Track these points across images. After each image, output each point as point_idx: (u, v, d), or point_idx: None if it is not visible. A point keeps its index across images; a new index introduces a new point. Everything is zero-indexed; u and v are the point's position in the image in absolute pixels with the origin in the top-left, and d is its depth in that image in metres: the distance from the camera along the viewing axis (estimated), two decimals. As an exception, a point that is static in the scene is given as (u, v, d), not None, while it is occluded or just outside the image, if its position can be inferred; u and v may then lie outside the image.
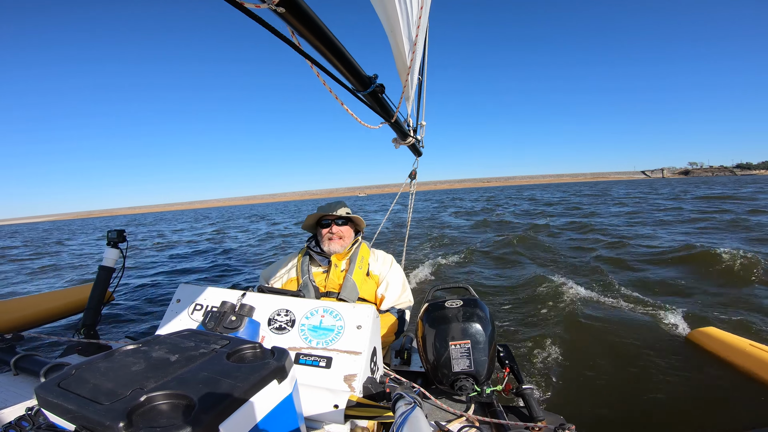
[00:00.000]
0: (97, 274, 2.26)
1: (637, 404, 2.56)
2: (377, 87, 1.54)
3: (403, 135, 2.55)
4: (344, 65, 1.27)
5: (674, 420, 2.39)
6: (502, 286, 5.83)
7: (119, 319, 5.32)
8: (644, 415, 2.44)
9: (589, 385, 2.81)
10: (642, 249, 7.65)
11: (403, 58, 1.74)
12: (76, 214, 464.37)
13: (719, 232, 9.39)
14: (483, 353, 1.47)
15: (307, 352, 1.31)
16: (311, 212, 2.20)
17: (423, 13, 1.66)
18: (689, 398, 2.59)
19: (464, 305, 1.57)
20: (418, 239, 11.41)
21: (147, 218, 63.66)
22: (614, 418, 2.44)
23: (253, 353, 0.83)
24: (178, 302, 1.53)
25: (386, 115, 1.87)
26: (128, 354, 0.79)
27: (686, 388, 2.69)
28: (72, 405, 0.62)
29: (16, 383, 1.40)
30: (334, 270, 2.06)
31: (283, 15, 0.92)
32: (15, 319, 3.39)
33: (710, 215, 12.52)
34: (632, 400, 2.61)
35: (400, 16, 1.50)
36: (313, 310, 1.42)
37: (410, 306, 2.16)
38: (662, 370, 2.95)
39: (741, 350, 2.69)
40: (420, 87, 2.74)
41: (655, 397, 2.61)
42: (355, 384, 1.22)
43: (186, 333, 0.92)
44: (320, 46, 1.12)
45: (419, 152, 3.23)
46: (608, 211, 16.50)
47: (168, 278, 8.46)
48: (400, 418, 0.78)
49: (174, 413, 0.62)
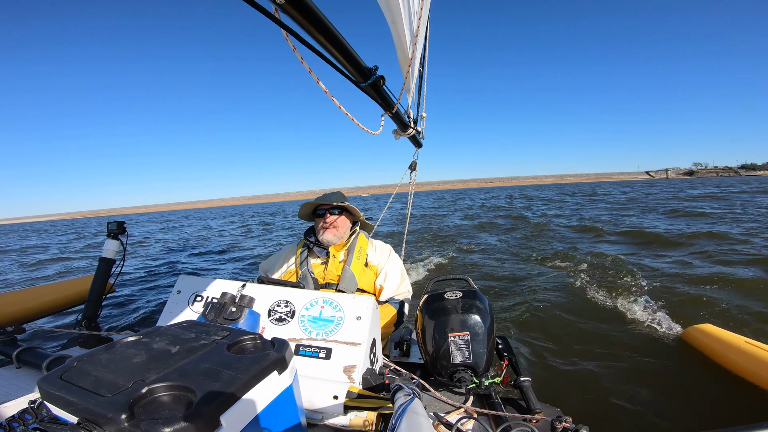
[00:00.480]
0: (98, 266, 2.27)
1: (633, 398, 2.58)
2: (378, 78, 1.53)
3: (403, 126, 2.54)
4: (345, 57, 1.26)
5: (669, 415, 2.41)
6: (501, 278, 5.86)
7: (120, 310, 5.35)
8: (639, 409, 2.46)
9: (586, 378, 2.84)
10: (642, 246, 7.68)
11: (405, 50, 1.73)
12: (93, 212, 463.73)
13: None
14: (482, 345, 1.48)
15: (307, 343, 1.32)
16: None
17: (424, 4, 1.64)
18: (684, 394, 2.61)
19: (464, 297, 1.57)
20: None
21: (171, 216, 63.66)
22: (610, 411, 2.46)
23: (253, 344, 0.84)
24: (179, 293, 1.53)
25: (387, 107, 1.86)
26: (129, 346, 0.80)
27: (681, 384, 2.71)
28: (74, 397, 0.62)
29: (19, 376, 1.41)
30: (332, 261, 2.06)
31: (282, 6, 0.91)
32: (16, 312, 3.40)
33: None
34: (628, 394, 2.63)
35: (401, 7, 1.49)
36: (312, 301, 1.42)
37: (409, 297, 2.16)
38: (658, 365, 2.97)
39: (737, 347, 2.69)
40: (421, 79, 2.73)
41: (651, 392, 2.63)
42: (355, 375, 1.23)
43: (187, 324, 0.93)
44: (321, 38, 1.11)
45: (419, 143, 3.22)
46: (601, 207, 16.61)
47: (168, 269, 8.49)
48: (399, 410, 0.78)
49: (175, 405, 0.62)
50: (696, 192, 24.56)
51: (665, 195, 23.26)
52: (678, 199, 18.78)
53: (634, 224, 10.71)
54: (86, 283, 3.38)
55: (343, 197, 2.17)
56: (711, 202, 16.13)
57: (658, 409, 2.46)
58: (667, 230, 8.93)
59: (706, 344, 2.96)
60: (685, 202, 17.18)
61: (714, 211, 12.53)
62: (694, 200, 17.73)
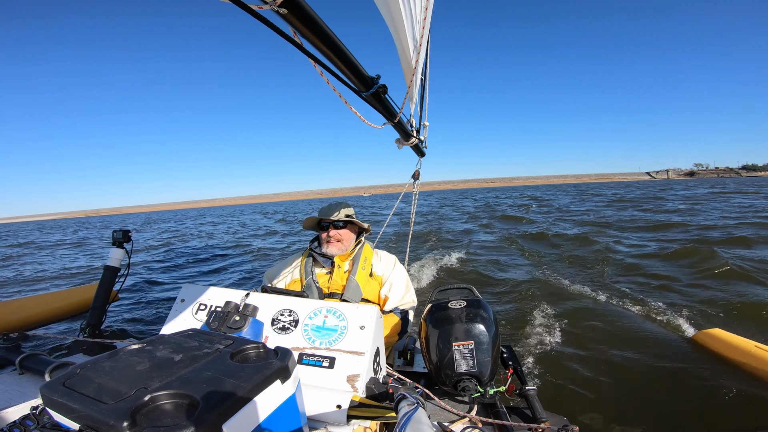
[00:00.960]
0: (102, 274, 2.28)
1: (641, 406, 2.54)
2: (380, 88, 1.54)
3: (406, 136, 2.54)
4: (347, 66, 1.27)
5: (679, 422, 2.37)
6: (505, 285, 5.82)
7: (124, 318, 5.35)
8: (648, 417, 2.42)
9: (593, 387, 2.79)
10: (645, 249, 7.62)
11: (408, 59, 1.74)
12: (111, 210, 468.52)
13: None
14: (486, 354, 1.47)
15: (311, 353, 1.31)
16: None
17: (427, 14, 1.65)
18: (694, 400, 2.56)
19: (468, 306, 1.57)
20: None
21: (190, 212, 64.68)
22: (618, 420, 2.42)
23: (256, 353, 0.83)
24: (183, 302, 1.54)
25: (389, 116, 1.86)
26: (132, 353, 0.80)
27: (691, 390, 2.67)
28: (76, 404, 0.62)
29: (21, 382, 1.42)
30: (337, 271, 2.06)
31: (285, 16, 0.92)
32: (20, 319, 3.43)
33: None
34: (636, 401, 2.59)
35: (404, 15, 1.48)
36: (316, 310, 1.42)
37: (414, 306, 2.15)
38: (667, 371, 2.92)
39: (747, 351, 2.66)
40: (423, 87, 2.74)
41: (660, 399, 2.59)
42: (358, 384, 1.22)
43: (190, 333, 0.93)
44: (322, 47, 1.12)
45: (422, 153, 3.22)
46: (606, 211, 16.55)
47: (172, 278, 8.50)
48: (402, 419, 0.78)
49: (178, 413, 0.62)
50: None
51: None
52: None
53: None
54: (90, 291, 3.40)
55: (347, 208, 2.18)
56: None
57: (666, 419, 2.41)
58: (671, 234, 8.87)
59: (716, 349, 2.92)
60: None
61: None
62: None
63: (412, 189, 3.65)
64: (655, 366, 3.01)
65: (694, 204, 17.03)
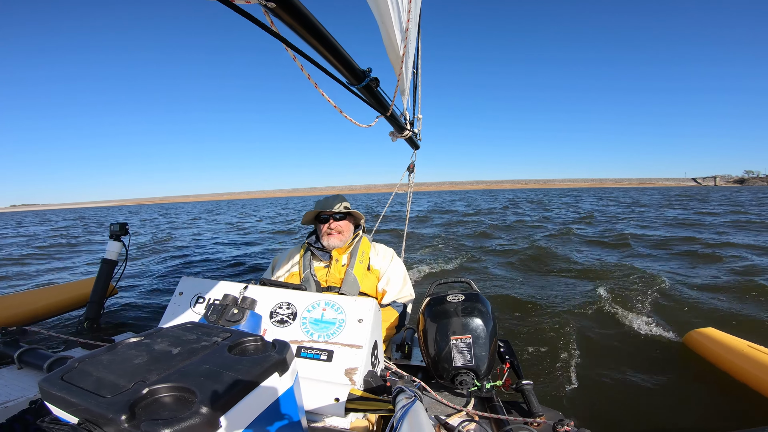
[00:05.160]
0: (100, 268, 2.27)
1: (634, 402, 2.56)
2: (371, 80, 1.52)
3: (399, 128, 2.54)
4: (337, 59, 1.25)
5: (670, 419, 2.39)
6: (504, 281, 5.84)
7: (122, 312, 5.35)
8: (640, 413, 2.45)
9: (588, 382, 2.82)
10: (641, 249, 7.64)
11: (396, 49, 1.70)
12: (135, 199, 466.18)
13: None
14: (484, 348, 1.47)
15: (309, 345, 1.32)
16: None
17: (413, 2, 1.62)
18: (686, 398, 2.59)
19: (466, 300, 1.57)
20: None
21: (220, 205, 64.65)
22: (611, 415, 2.45)
23: (254, 346, 0.84)
24: (181, 295, 1.54)
25: (382, 109, 1.86)
26: (131, 347, 0.80)
27: (683, 388, 2.69)
28: (75, 398, 0.62)
29: (20, 377, 1.42)
30: (335, 265, 2.06)
31: (273, 10, 0.90)
32: (19, 313, 3.42)
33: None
34: (629, 397, 2.61)
35: (390, 3, 1.46)
36: (314, 303, 1.42)
37: (411, 300, 2.16)
38: (660, 369, 2.95)
39: (739, 351, 2.67)
40: (415, 81, 2.73)
41: (653, 396, 2.62)
42: (356, 377, 1.22)
43: (188, 326, 0.93)
44: (312, 40, 1.10)
45: (417, 145, 3.23)
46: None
47: (171, 270, 8.49)
48: (400, 412, 0.78)
49: (176, 406, 0.62)
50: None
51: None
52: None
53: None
54: (88, 285, 3.39)
55: (344, 201, 2.18)
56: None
57: (660, 414, 2.44)
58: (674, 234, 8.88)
59: (708, 348, 2.94)
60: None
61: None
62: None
63: (407, 182, 3.65)
64: (648, 364, 3.03)
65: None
